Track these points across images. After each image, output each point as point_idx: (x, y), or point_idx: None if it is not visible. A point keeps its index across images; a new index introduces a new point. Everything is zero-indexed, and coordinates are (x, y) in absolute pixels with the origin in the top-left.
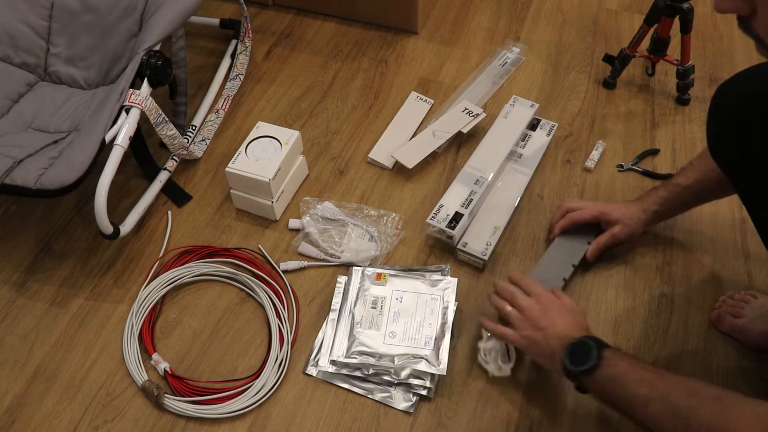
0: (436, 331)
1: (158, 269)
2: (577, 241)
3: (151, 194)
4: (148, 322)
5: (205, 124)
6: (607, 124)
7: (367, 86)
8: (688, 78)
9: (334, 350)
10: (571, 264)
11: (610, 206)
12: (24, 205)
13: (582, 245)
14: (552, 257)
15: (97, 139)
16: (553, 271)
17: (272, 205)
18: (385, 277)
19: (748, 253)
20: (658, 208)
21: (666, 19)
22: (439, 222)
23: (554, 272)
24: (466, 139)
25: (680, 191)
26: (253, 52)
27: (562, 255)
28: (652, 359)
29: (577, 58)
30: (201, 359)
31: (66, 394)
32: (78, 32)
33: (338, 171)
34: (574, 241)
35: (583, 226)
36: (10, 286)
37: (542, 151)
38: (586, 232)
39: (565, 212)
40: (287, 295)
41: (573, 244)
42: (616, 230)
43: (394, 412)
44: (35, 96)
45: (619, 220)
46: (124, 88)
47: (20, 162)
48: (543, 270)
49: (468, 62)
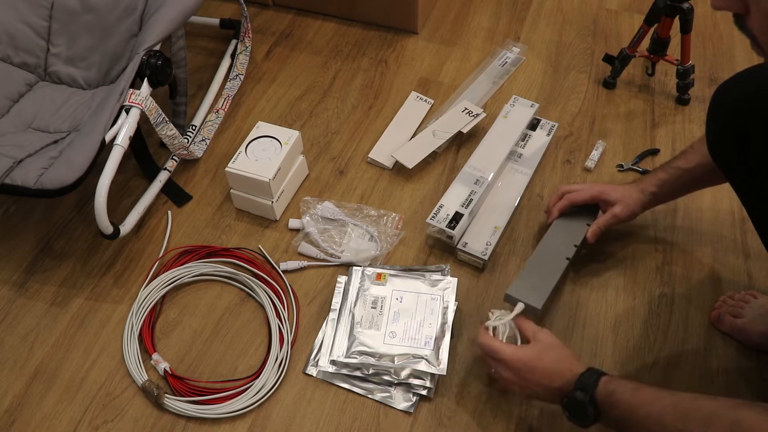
0: (436, 331)
1: (158, 269)
2: (576, 222)
3: (151, 194)
4: (148, 322)
5: (205, 124)
6: (607, 124)
7: (367, 86)
8: (688, 78)
9: (334, 350)
10: (573, 244)
11: (608, 186)
12: (24, 205)
13: (582, 226)
14: (552, 239)
15: (97, 139)
16: (553, 252)
17: (272, 205)
18: (385, 277)
19: (748, 253)
20: (656, 189)
21: (666, 19)
22: (439, 222)
23: (555, 253)
24: (466, 139)
25: (680, 174)
26: (253, 52)
27: (562, 236)
28: (652, 359)
29: (577, 58)
30: (201, 359)
31: (66, 394)
32: (78, 32)
33: (338, 171)
34: (573, 223)
35: (580, 208)
36: (10, 286)
37: (542, 151)
38: (584, 214)
39: (562, 195)
40: (287, 295)
41: (572, 225)
42: (617, 210)
43: (394, 412)
44: (35, 96)
45: (618, 200)
46: (124, 88)
47: (20, 162)
48: (543, 252)
49: (468, 62)
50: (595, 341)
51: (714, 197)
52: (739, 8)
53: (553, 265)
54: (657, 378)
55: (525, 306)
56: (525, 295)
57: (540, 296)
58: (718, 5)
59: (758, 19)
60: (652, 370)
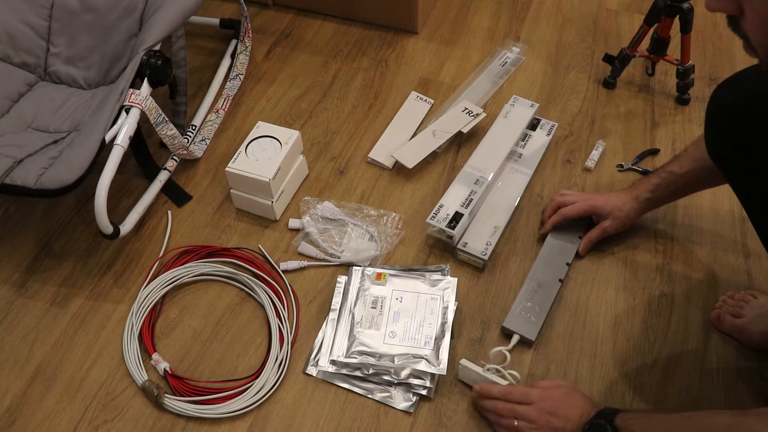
0: (436, 330)
1: (158, 269)
2: (569, 237)
3: (151, 194)
4: (148, 322)
5: (205, 123)
6: (607, 124)
7: (367, 86)
8: (688, 78)
9: (334, 350)
10: (565, 263)
11: (600, 198)
12: (24, 205)
13: (574, 241)
14: (545, 259)
15: (97, 139)
16: (548, 273)
17: (272, 205)
18: (385, 277)
19: (748, 253)
20: (650, 195)
21: (666, 18)
22: (439, 222)
23: (550, 274)
24: (466, 139)
25: (674, 179)
26: (253, 51)
27: (555, 255)
28: (652, 359)
29: (577, 58)
30: (201, 359)
31: (66, 394)
32: (78, 32)
33: (338, 171)
34: (566, 237)
35: (573, 219)
36: (10, 286)
37: (542, 150)
38: (577, 226)
39: (557, 207)
40: (287, 295)
41: (565, 241)
42: (606, 224)
43: (394, 411)
44: (35, 96)
45: (609, 213)
46: (124, 87)
47: (20, 162)
48: (538, 273)
49: (468, 62)
50: (595, 341)
51: (714, 197)
52: (733, 10)
53: (547, 291)
54: (657, 378)
55: (521, 338)
56: (520, 327)
57: (534, 328)
58: (712, 7)
59: (752, 21)
60: (652, 370)
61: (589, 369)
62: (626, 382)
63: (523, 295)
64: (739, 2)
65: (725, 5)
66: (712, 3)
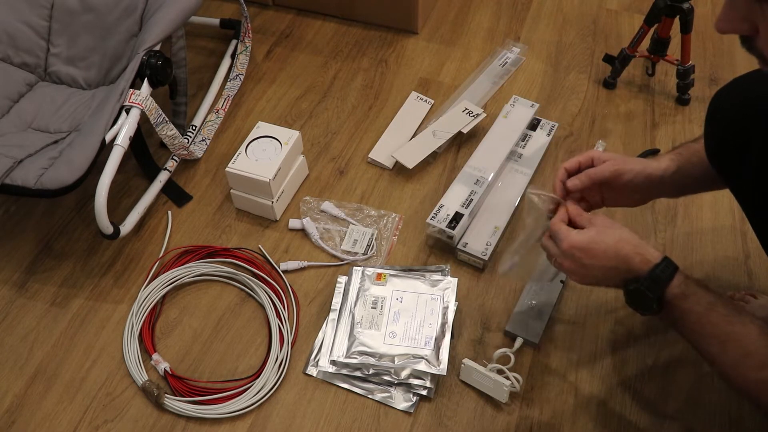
0: (436, 331)
1: (158, 269)
2: None
3: (151, 194)
4: (148, 322)
5: (205, 124)
6: (607, 124)
7: (367, 86)
8: (688, 78)
9: (334, 350)
10: None
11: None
12: (24, 205)
13: None
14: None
15: (98, 139)
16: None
17: (272, 205)
18: (385, 277)
19: (748, 253)
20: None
21: (666, 19)
22: (439, 222)
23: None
24: (466, 139)
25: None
26: (253, 52)
27: None
28: (652, 359)
29: (577, 58)
30: (201, 359)
31: (66, 394)
32: (78, 32)
33: (338, 171)
34: None
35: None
36: (10, 286)
37: (542, 151)
38: None
39: (578, 166)
40: (287, 295)
41: None
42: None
43: (394, 412)
44: (35, 96)
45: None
46: (124, 88)
47: (20, 162)
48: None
49: (468, 62)
50: (595, 341)
51: (714, 197)
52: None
53: (548, 293)
54: (657, 378)
55: (524, 341)
56: (523, 330)
57: (537, 330)
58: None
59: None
60: (652, 370)
61: (590, 369)
62: (626, 383)
63: (525, 297)
64: (753, 22)
65: (737, 26)
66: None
